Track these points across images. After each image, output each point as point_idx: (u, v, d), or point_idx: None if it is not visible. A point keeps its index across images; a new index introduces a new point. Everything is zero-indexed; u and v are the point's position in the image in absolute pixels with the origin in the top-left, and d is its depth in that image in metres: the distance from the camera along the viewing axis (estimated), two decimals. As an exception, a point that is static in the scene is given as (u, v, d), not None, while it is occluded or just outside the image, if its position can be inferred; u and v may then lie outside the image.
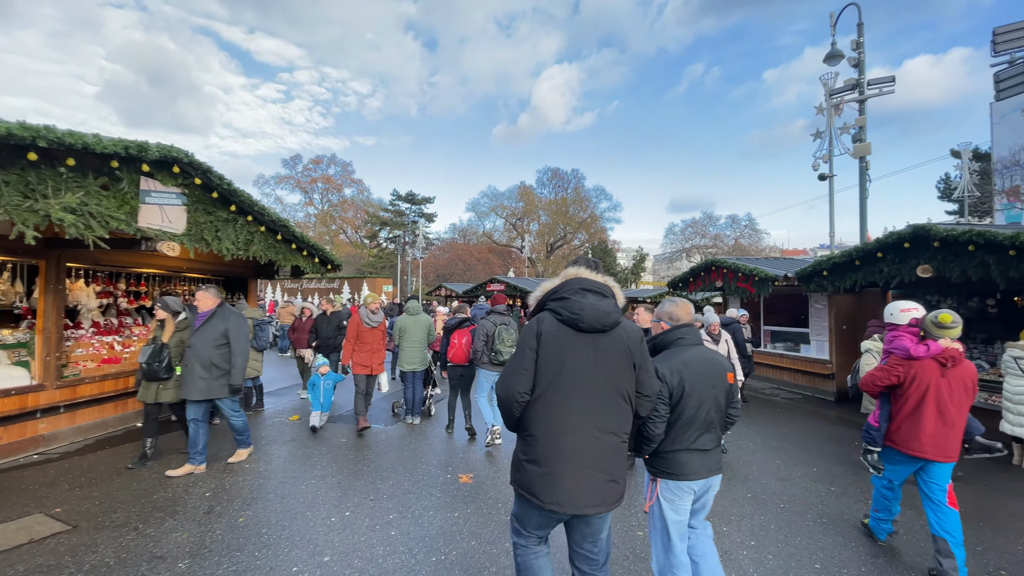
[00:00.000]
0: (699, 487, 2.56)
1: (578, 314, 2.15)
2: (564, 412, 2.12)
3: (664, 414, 2.47)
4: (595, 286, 2.25)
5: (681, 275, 12.75)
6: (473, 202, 54.45)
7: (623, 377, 2.19)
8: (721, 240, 49.04)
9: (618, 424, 2.19)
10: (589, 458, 2.11)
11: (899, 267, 6.99)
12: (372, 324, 6.64)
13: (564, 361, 2.13)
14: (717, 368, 2.61)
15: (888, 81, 14.53)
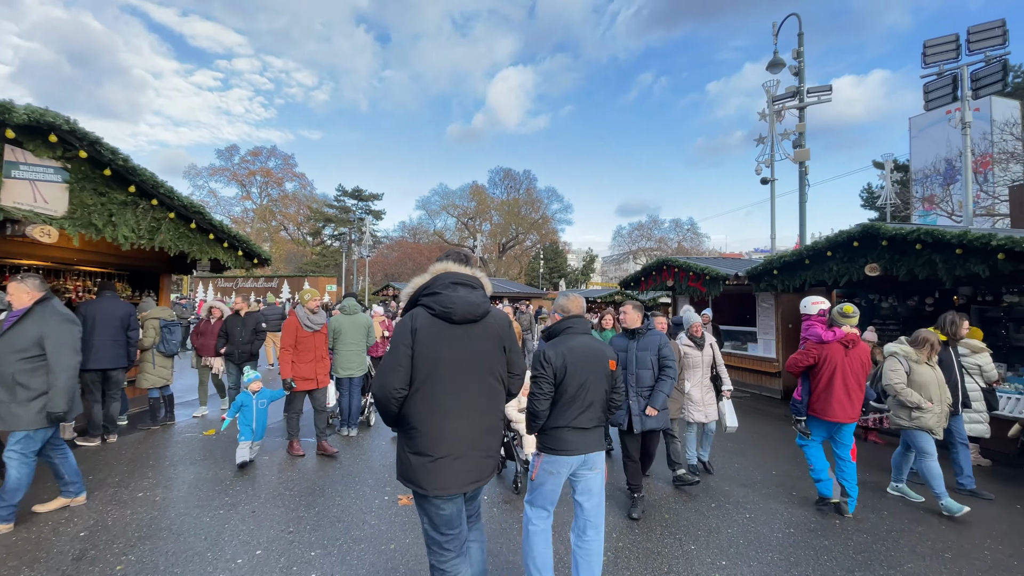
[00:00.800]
0: (576, 462, 2.79)
1: (450, 308, 2.23)
2: (445, 400, 2.20)
3: (548, 392, 2.76)
4: (465, 279, 2.33)
5: (633, 275, 12.63)
6: (423, 200, 53.24)
7: (495, 361, 2.34)
8: (665, 243, 50.46)
9: (494, 404, 2.35)
10: (470, 439, 2.23)
11: (848, 266, 7.02)
12: (313, 327, 5.50)
13: (440, 353, 2.21)
14: (599, 355, 2.88)
15: (826, 90, 15.11)
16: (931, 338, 4.67)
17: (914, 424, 4.54)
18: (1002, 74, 10.57)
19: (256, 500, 4.30)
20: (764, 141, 17.07)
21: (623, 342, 4.35)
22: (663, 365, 4.24)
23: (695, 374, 5.12)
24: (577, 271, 51.69)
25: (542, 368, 2.78)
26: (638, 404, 4.18)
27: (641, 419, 4.13)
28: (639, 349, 4.26)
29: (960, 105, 11.32)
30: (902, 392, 4.52)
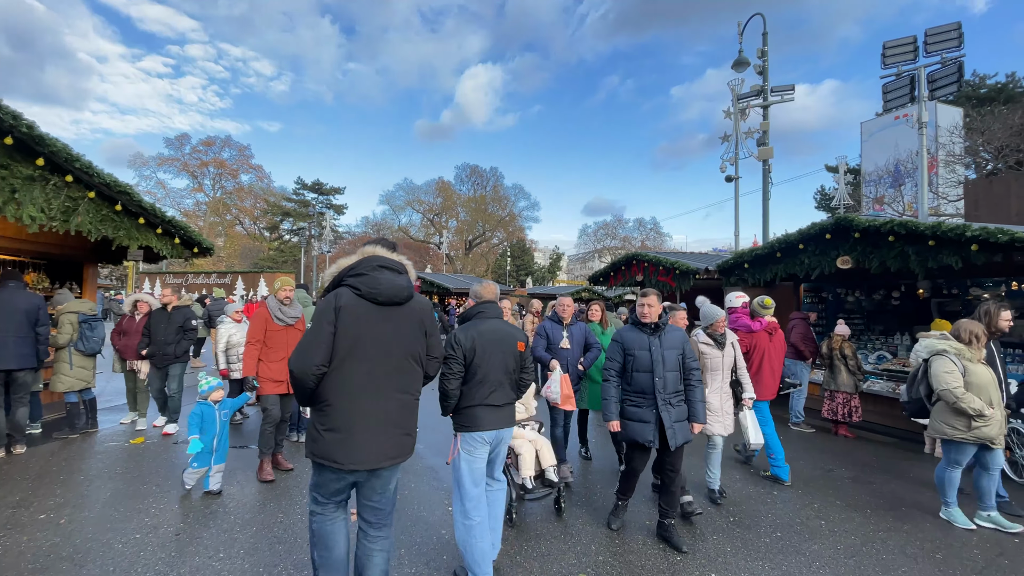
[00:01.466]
0: (491, 437, 2.95)
1: (376, 289, 2.29)
2: (363, 378, 2.25)
3: (457, 373, 2.91)
4: (391, 263, 2.40)
5: (602, 269, 12.42)
6: (388, 194, 51.79)
7: (415, 343, 2.40)
8: (629, 242, 51.06)
9: (411, 384, 2.40)
10: (386, 417, 2.28)
11: (820, 259, 6.94)
12: (287, 321, 4.72)
13: (361, 332, 2.25)
14: (507, 338, 3.05)
15: (788, 90, 15.36)
16: (977, 329, 4.03)
17: (973, 435, 3.86)
18: (957, 76, 10.88)
19: (185, 520, 3.72)
20: (729, 139, 17.25)
21: (641, 339, 3.54)
22: (689, 368, 3.58)
23: (715, 378, 4.31)
24: (544, 269, 51.67)
25: (452, 350, 2.92)
26: (670, 414, 3.41)
27: (676, 432, 3.41)
28: (665, 347, 3.51)
29: (916, 107, 11.60)
30: (963, 398, 3.80)
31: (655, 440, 3.43)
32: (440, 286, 21.86)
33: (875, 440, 6.62)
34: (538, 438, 3.92)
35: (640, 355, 3.51)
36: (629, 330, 3.67)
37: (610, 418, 3.58)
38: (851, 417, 6.69)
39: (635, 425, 3.49)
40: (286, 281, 4.85)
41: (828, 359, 6.91)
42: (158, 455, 5.17)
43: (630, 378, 3.55)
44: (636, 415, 3.50)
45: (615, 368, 3.63)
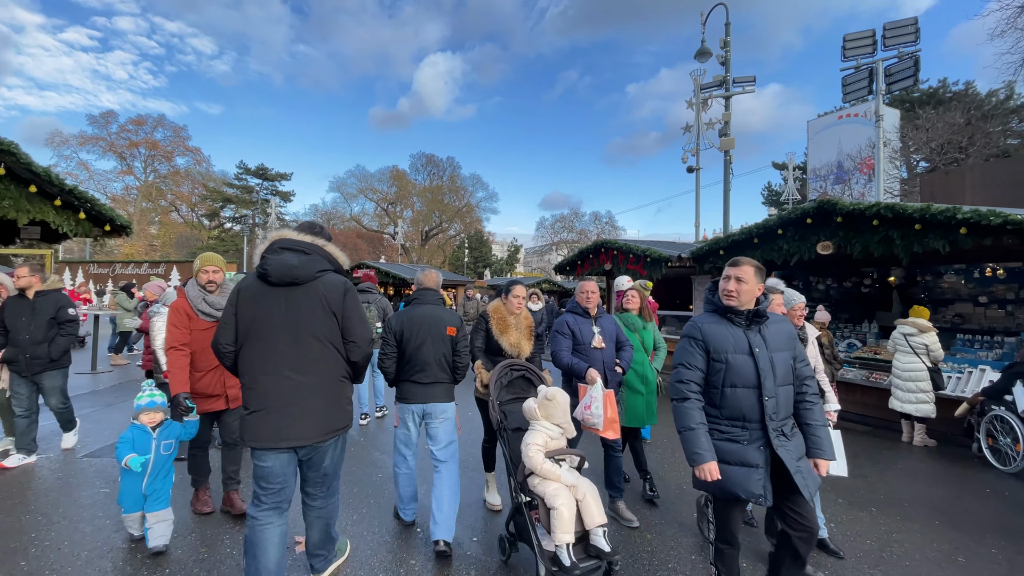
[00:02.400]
0: (418, 410, 3.25)
1: (266, 269, 2.35)
2: (261, 358, 2.32)
3: (390, 352, 3.25)
4: (295, 244, 2.42)
5: (568, 258, 12.00)
6: (338, 181, 49.45)
7: (319, 324, 2.39)
8: (586, 235, 51.35)
9: (317, 366, 2.39)
10: (284, 397, 2.30)
11: (799, 244, 6.73)
12: (214, 314, 3.44)
13: (257, 312, 2.34)
14: (436, 321, 3.27)
15: (749, 81, 15.44)
16: None
17: None
18: (914, 70, 11.11)
19: (75, 559, 2.91)
20: (691, 130, 17.25)
21: (734, 335, 2.34)
22: (803, 376, 2.41)
23: None
24: (502, 261, 51.15)
25: (387, 332, 3.29)
26: (789, 451, 2.27)
27: (804, 476, 2.27)
28: (772, 348, 2.33)
29: (874, 101, 11.81)
30: None
31: (767, 494, 2.25)
32: (396, 276, 20.90)
33: (851, 430, 6.50)
34: (580, 482, 2.68)
35: (737, 361, 2.29)
36: (711, 320, 2.41)
37: (704, 459, 2.22)
38: (828, 407, 6.53)
39: (734, 472, 2.26)
40: (209, 259, 3.50)
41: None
42: (16, 485, 4.25)
43: (717, 397, 2.33)
44: (733, 455, 2.28)
45: (696, 380, 2.34)
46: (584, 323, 3.73)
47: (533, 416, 2.89)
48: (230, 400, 3.49)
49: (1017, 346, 6.25)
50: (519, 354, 3.62)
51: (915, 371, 5.90)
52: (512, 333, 3.65)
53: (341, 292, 2.47)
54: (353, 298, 2.51)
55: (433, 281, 3.46)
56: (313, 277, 2.40)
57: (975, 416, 5.45)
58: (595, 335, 3.71)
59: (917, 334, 5.90)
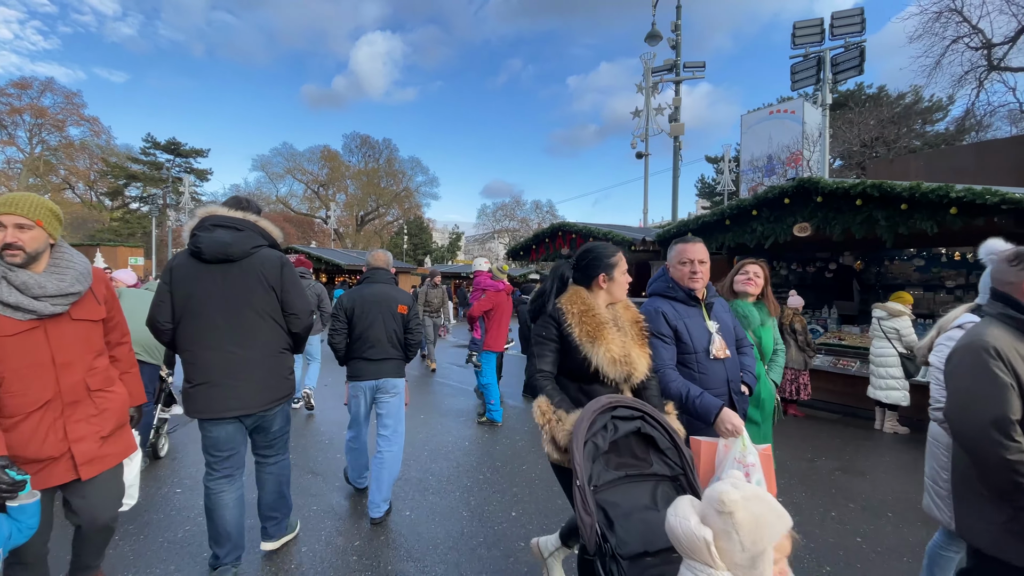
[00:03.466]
0: (369, 386, 3.36)
1: (200, 247, 2.33)
2: (199, 333, 2.36)
3: (340, 330, 3.33)
4: (227, 221, 2.40)
5: (523, 242, 11.29)
6: (263, 159, 45.48)
7: (258, 300, 2.42)
8: (527, 223, 51.07)
9: (258, 339, 2.44)
10: (225, 369, 2.36)
11: (775, 227, 6.39)
12: (35, 308, 1.83)
13: (192, 290, 2.35)
14: (387, 300, 3.37)
15: (699, 66, 15.37)
16: None
17: None
18: (859, 60, 11.31)
19: None
20: (640, 115, 17.02)
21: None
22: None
23: None
24: (443, 248, 49.73)
25: (337, 310, 3.35)
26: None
27: None
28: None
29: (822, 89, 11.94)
30: None
31: None
32: (329, 262, 19.27)
33: (823, 418, 6.31)
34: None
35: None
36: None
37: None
38: (800, 395, 6.29)
39: None
40: (16, 201, 1.83)
41: (779, 334, 6.44)
42: None
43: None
44: None
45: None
46: (692, 315, 2.35)
47: (695, 552, 1.25)
48: (79, 464, 1.95)
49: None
50: (630, 376, 2.02)
51: (886, 357, 5.72)
52: (613, 338, 2.01)
53: (278, 266, 2.48)
54: (291, 271, 2.52)
55: (383, 261, 3.54)
56: (248, 253, 2.41)
57: (952, 403, 5.33)
58: (713, 335, 2.33)
59: (888, 318, 5.71)
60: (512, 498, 3.69)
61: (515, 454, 4.68)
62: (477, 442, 5.02)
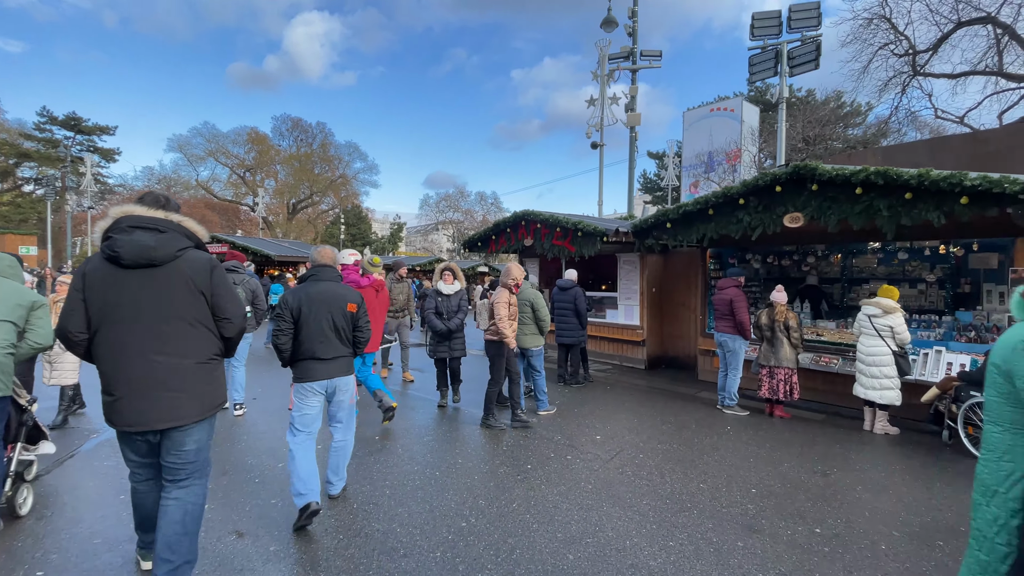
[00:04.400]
0: (321, 387, 3.24)
1: (118, 251, 2.18)
2: (120, 343, 2.21)
3: (286, 329, 3.16)
4: (147, 222, 2.25)
5: (480, 233, 10.43)
6: (180, 140, 41.16)
7: (186, 306, 2.28)
8: (472, 215, 50.06)
9: (184, 347, 2.29)
10: (153, 381, 2.22)
11: (763, 216, 5.98)
12: None
13: (111, 297, 2.19)
14: (335, 298, 3.26)
15: (656, 55, 15.09)
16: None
17: None
18: (815, 54, 11.37)
19: None
20: (595, 103, 16.58)
21: None
22: None
23: None
24: (384, 239, 47.62)
25: (282, 310, 3.16)
26: None
27: None
28: None
29: (778, 81, 11.95)
30: None
31: None
32: (258, 252, 17.44)
33: (810, 419, 6.01)
34: None
35: None
36: None
37: None
38: (792, 395, 5.95)
39: None
40: None
41: (769, 331, 6.06)
42: None
43: None
44: None
45: None
46: None
47: None
48: None
49: (955, 324, 6.19)
50: None
51: (879, 355, 5.46)
52: None
53: (207, 270, 2.35)
54: (221, 275, 2.41)
55: (329, 258, 3.44)
56: (174, 256, 2.26)
57: (947, 402, 5.13)
58: None
59: (882, 315, 5.45)
60: (510, 551, 2.92)
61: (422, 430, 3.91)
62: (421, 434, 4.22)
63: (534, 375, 5.87)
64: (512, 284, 5.35)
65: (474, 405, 6.00)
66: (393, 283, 7.24)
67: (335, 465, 3.51)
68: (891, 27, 20.71)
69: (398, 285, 7.37)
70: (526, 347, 5.72)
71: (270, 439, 4.84)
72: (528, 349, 5.75)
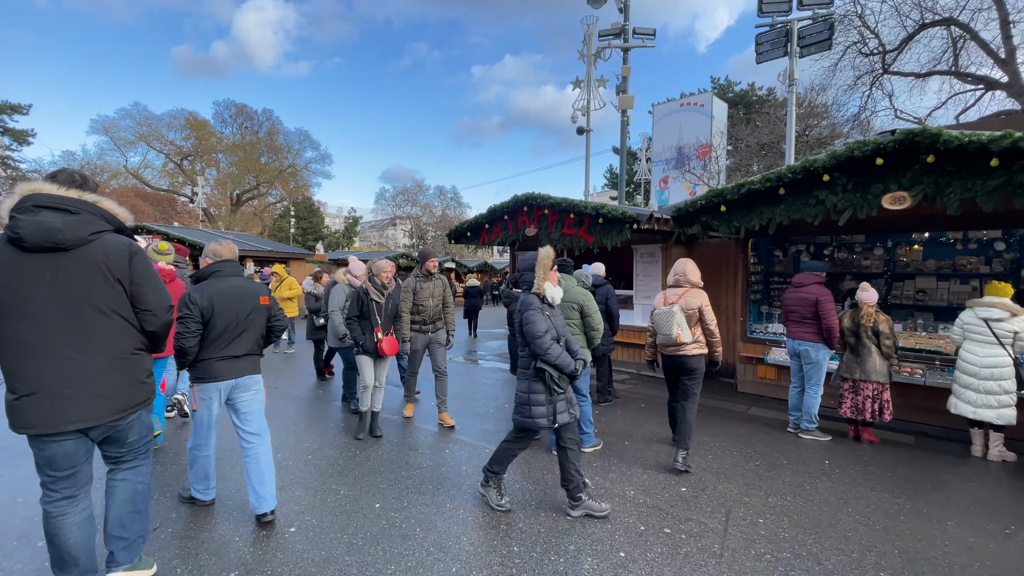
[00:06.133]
0: (226, 387, 3.07)
1: (19, 233, 1.97)
2: (25, 336, 2.01)
3: (195, 331, 2.94)
4: (56, 202, 2.05)
5: (471, 221, 8.93)
6: (106, 121, 36.71)
7: (99, 295, 2.11)
8: (431, 210, 48.11)
9: (103, 341, 2.13)
10: (64, 377, 2.04)
11: (854, 196, 4.86)
12: None
13: (12, 285, 1.99)
14: (246, 294, 3.11)
15: (649, 34, 14.02)
16: None
17: None
18: (828, 33, 10.58)
19: None
20: (581, 85, 15.36)
21: None
22: None
23: None
24: (338, 234, 44.81)
25: (188, 309, 2.92)
26: None
27: None
28: None
29: (788, 62, 11.08)
30: None
31: None
32: (196, 244, 15.13)
33: (900, 442, 4.99)
34: None
35: None
36: None
37: None
38: (882, 415, 4.89)
39: None
40: None
41: (853, 337, 4.97)
42: None
43: None
44: None
45: None
46: None
47: None
48: None
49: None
50: None
51: (999, 366, 4.47)
52: None
53: (126, 256, 2.16)
54: (142, 261, 2.21)
55: (232, 252, 3.30)
56: (86, 240, 2.07)
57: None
58: None
59: (1007, 318, 4.46)
60: None
61: None
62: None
63: (578, 400, 4.50)
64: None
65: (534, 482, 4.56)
66: (419, 282, 5.15)
67: (261, 475, 3.12)
68: (863, 24, 20.68)
69: (426, 284, 5.16)
70: (571, 363, 4.34)
71: (217, 513, 3.27)
72: (574, 366, 4.36)
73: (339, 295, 5.60)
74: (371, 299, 4.72)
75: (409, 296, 5.10)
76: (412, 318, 5.13)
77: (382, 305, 4.75)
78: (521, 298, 3.38)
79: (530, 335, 3.11)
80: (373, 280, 4.81)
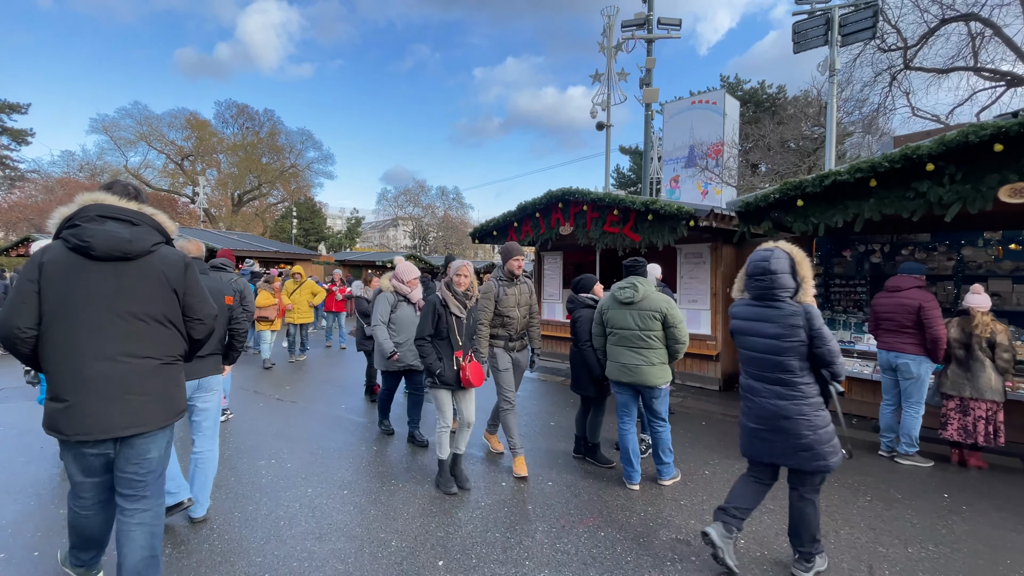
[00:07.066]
0: (190, 387, 3.00)
1: (88, 241, 2.01)
2: (80, 341, 2.01)
3: None
4: (118, 212, 2.11)
5: (499, 219, 8.29)
6: (106, 120, 35.95)
7: (156, 303, 2.15)
8: (432, 211, 47.47)
9: (149, 347, 2.14)
10: (115, 382, 2.04)
11: (962, 188, 4.23)
12: None
13: (71, 290, 2.02)
14: (214, 291, 2.98)
15: (675, 24, 13.42)
16: None
17: None
18: (873, 21, 9.98)
19: None
20: (600, 79, 14.76)
21: None
22: None
23: None
24: (340, 234, 44.17)
25: None
26: None
27: None
28: None
29: (829, 51, 10.47)
30: None
31: None
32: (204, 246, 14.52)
33: (1009, 467, 4.38)
34: None
35: None
36: None
37: None
38: (996, 439, 4.27)
39: None
40: None
41: (962, 350, 4.35)
42: None
43: None
44: None
45: None
46: None
47: None
48: None
49: None
50: None
51: None
52: None
53: (181, 267, 2.23)
54: (194, 273, 2.29)
55: (200, 249, 3.31)
56: (148, 251, 2.12)
57: None
58: None
59: None
60: None
61: None
62: None
63: (655, 426, 3.87)
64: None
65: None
66: (503, 287, 4.18)
67: (205, 477, 3.16)
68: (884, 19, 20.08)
69: (511, 289, 4.18)
70: (649, 383, 3.70)
71: None
72: (654, 387, 3.73)
73: (383, 305, 4.66)
74: (451, 312, 3.63)
75: (490, 304, 4.10)
76: (493, 332, 4.18)
77: (463, 320, 3.69)
78: None
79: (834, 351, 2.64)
80: (451, 287, 3.68)
